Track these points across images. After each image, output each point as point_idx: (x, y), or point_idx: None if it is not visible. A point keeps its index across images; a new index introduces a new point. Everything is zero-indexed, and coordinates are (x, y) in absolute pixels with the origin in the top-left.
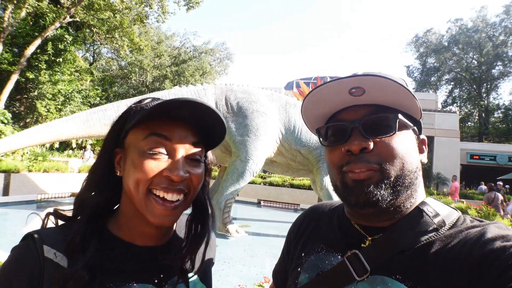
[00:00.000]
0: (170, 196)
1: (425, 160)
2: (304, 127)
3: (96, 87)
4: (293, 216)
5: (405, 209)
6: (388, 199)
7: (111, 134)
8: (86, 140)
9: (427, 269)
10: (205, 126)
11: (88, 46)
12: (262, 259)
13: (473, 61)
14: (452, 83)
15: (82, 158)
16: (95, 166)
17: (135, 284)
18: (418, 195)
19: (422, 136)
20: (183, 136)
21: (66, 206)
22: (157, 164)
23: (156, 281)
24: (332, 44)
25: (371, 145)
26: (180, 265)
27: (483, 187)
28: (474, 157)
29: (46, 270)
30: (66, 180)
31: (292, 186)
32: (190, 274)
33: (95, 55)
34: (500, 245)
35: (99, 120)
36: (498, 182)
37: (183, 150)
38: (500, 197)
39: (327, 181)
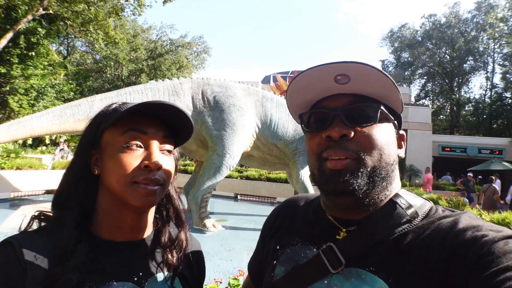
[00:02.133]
0: (150, 187)
1: (403, 155)
2: (281, 121)
3: (70, 81)
4: (270, 210)
5: (379, 202)
6: (364, 189)
7: (86, 136)
8: (60, 136)
9: (401, 260)
10: (174, 123)
11: (62, 39)
12: (239, 253)
13: (446, 56)
14: (425, 77)
15: (55, 155)
16: (72, 169)
17: (114, 283)
18: (393, 188)
19: (402, 132)
20: (156, 130)
21: (41, 204)
22: (135, 156)
23: (135, 278)
24: (310, 38)
25: (352, 133)
26: (162, 261)
27: (448, 177)
28: (446, 149)
29: (28, 273)
30: (40, 178)
31: (268, 179)
32: (168, 273)
33: (69, 48)
34: (471, 235)
35: (73, 115)
36: (468, 174)
37: (157, 142)
38: (497, 188)
39: (303, 174)
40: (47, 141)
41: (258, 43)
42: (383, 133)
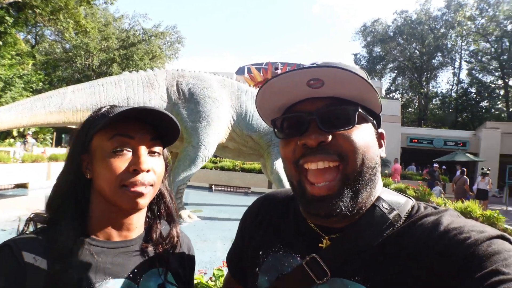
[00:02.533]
0: (139, 189)
1: (384, 155)
2: (255, 113)
3: (39, 71)
4: (244, 200)
5: (362, 208)
6: (349, 205)
7: (77, 141)
8: (28, 128)
9: (385, 267)
10: (161, 126)
11: (30, 28)
12: (214, 243)
13: (416, 51)
14: (396, 71)
15: (17, 147)
16: (65, 173)
17: (110, 280)
18: (376, 190)
19: (381, 130)
20: (144, 134)
21: (11, 198)
22: (123, 160)
23: (131, 275)
24: (285, 29)
25: (329, 138)
26: (156, 257)
27: (413, 167)
28: (413, 140)
29: (28, 275)
30: (9, 171)
31: (243, 170)
32: (161, 269)
33: (38, 37)
34: (455, 238)
35: (44, 107)
36: (434, 164)
37: (145, 146)
38: (467, 180)
39: (278, 165)
40: (15, 133)
41: (232, 33)
42: (363, 136)
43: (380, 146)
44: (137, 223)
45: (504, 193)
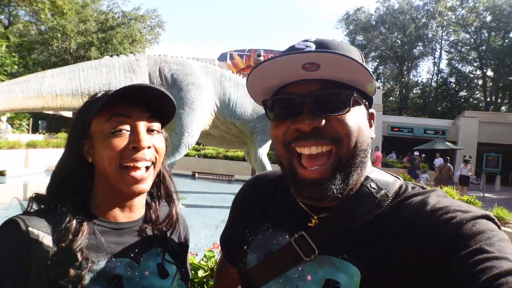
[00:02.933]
0: (139, 164)
1: (374, 135)
2: (239, 99)
3: (13, 54)
4: (227, 187)
5: (352, 188)
6: (341, 186)
7: (75, 127)
8: (3, 114)
9: (373, 246)
10: (157, 105)
11: (2, 7)
12: (199, 230)
13: (397, 40)
14: (378, 60)
15: None
16: (65, 160)
17: (113, 259)
18: (365, 171)
19: (372, 110)
20: (140, 112)
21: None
22: (122, 139)
23: (132, 255)
24: (267, 15)
25: (323, 122)
26: (154, 238)
27: (393, 155)
28: (394, 129)
29: (33, 250)
30: None
31: (226, 158)
32: (160, 249)
33: (11, 18)
34: (441, 218)
35: (22, 92)
36: (415, 152)
37: (143, 123)
38: (451, 167)
39: (261, 152)
40: None
41: (215, 19)
42: (356, 119)
43: (370, 126)
44: (139, 204)
45: (481, 180)
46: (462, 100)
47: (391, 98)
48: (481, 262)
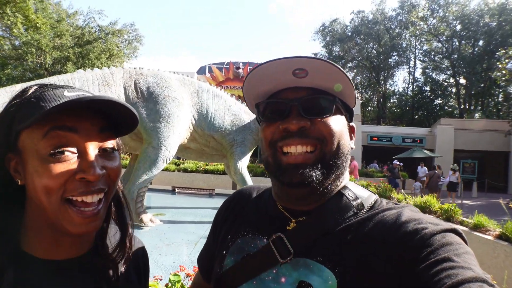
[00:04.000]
0: (90, 199)
1: (353, 146)
2: (217, 112)
3: None
4: (208, 202)
5: (330, 192)
6: (321, 179)
7: None
8: None
9: (346, 250)
10: (111, 113)
11: None
12: (178, 246)
13: (373, 50)
14: (355, 70)
15: None
16: None
17: None
18: (343, 178)
19: (352, 124)
20: (89, 125)
21: None
22: (66, 166)
23: None
24: (244, 29)
25: (309, 123)
26: (104, 273)
27: (375, 164)
28: (374, 138)
29: None
30: None
31: (206, 171)
32: (113, 285)
33: None
34: (413, 227)
35: None
36: (394, 161)
37: (93, 141)
38: (440, 175)
39: (241, 165)
40: None
41: (193, 32)
42: (338, 124)
43: (351, 138)
44: (87, 237)
45: (459, 187)
46: (438, 108)
47: (369, 108)
48: (447, 269)
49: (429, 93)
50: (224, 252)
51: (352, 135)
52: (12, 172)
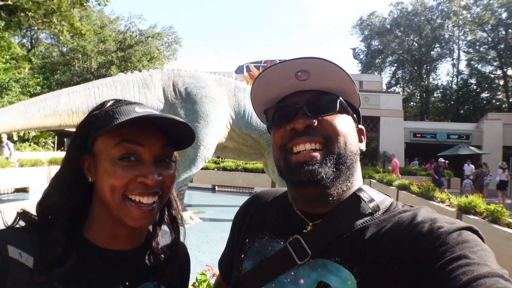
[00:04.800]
0: (146, 200)
1: (364, 148)
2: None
3: (36, 75)
4: None
5: (342, 192)
6: (331, 177)
7: (76, 140)
8: (28, 132)
9: (364, 251)
10: (173, 131)
11: (24, 31)
12: (216, 244)
13: (414, 43)
14: (395, 64)
15: None
16: (61, 173)
17: None
18: (355, 179)
19: (361, 126)
20: (153, 140)
21: (11, 203)
22: (130, 170)
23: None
24: (284, 28)
25: (315, 122)
26: (151, 269)
27: (416, 162)
28: (417, 135)
29: (10, 270)
30: (8, 176)
31: (245, 170)
32: (156, 282)
33: (33, 41)
34: (428, 227)
35: (39, 110)
36: (439, 159)
37: (154, 154)
38: (487, 173)
39: None
40: (15, 138)
41: (231, 32)
42: (344, 123)
43: (361, 141)
44: (139, 234)
45: (508, 186)
46: (485, 101)
47: (412, 103)
48: (462, 266)
49: (475, 86)
50: (242, 256)
51: (362, 137)
52: (85, 171)
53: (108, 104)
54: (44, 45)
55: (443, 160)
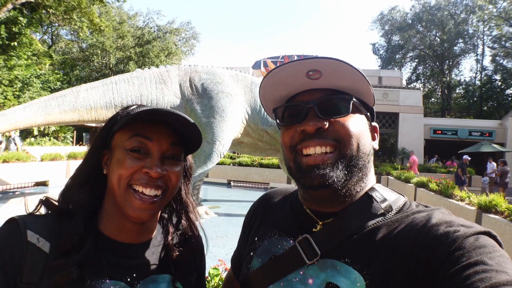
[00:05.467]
0: (148, 191)
1: (377, 147)
2: None
3: (57, 71)
4: None
5: (355, 193)
6: (342, 180)
7: (100, 136)
8: (48, 127)
9: (375, 252)
10: (184, 132)
11: (45, 28)
12: (231, 239)
13: (436, 38)
14: (416, 60)
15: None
16: (84, 165)
17: (107, 281)
18: (368, 179)
19: (374, 124)
20: (163, 137)
21: (31, 196)
22: (138, 161)
23: (128, 279)
24: (301, 23)
25: (327, 124)
26: (163, 263)
27: (434, 159)
28: (437, 132)
29: (28, 254)
30: (29, 170)
31: (261, 165)
32: (166, 275)
33: (54, 37)
34: (444, 230)
35: (58, 106)
36: (464, 156)
37: (162, 149)
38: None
39: None
40: (36, 133)
41: (248, 27)
42: (357, 124)
43: (374, 139)
44: (146, 229)
45: None
46: (509, 98)
47: (432, 99)
48: (479, 273)
49: (499, 83)
50: (252, 253)
51: (376, 134)
52: (103, 165)
53: (132, 107)
54: (64, 41)
55: (468, 158)
